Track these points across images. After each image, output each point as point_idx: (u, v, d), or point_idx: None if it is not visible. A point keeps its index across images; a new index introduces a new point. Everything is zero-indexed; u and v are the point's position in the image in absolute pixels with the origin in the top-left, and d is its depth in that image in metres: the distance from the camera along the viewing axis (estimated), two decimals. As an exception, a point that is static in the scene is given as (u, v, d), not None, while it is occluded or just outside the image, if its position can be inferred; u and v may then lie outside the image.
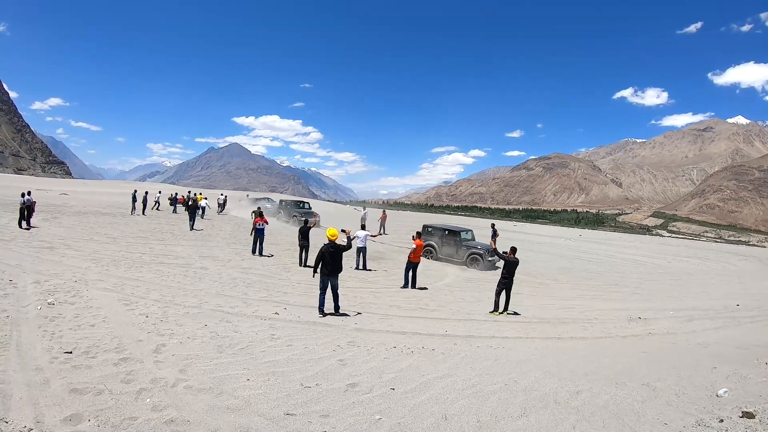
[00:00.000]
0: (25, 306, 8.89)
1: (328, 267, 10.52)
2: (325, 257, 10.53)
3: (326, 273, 10.55)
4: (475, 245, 22.20)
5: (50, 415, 4.83)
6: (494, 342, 9.47)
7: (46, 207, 28.43)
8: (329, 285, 10.67)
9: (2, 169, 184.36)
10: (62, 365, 6.19)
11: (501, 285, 12.52)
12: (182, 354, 7.07)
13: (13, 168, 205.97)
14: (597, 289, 18.63)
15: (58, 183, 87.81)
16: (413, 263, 15.48)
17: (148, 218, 28.88)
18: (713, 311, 15.02)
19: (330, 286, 10.67)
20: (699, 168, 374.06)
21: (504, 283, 12.49)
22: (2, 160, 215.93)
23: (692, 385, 6.80)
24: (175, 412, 5.11)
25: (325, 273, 10.56)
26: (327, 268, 10.53)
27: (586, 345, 9.80)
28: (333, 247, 10.63)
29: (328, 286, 10.67)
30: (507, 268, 12.52)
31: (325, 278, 10.59)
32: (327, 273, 10.55)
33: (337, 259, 10.66)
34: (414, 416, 5.38)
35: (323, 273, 10.58)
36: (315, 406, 5.50)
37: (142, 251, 16.93)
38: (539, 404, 5.91)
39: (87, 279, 11.75)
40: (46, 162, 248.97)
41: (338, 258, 10.69)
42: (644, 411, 5.77)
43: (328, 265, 10.52)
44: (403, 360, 7.63)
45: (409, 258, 15.48)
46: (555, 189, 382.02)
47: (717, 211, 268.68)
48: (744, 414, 5.34)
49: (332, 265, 10.56)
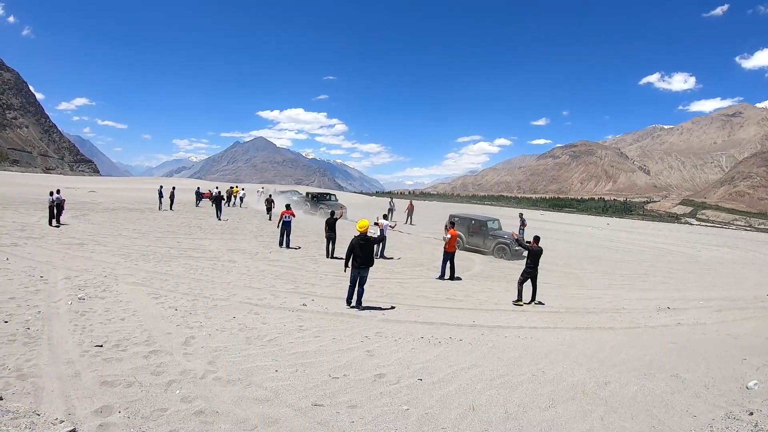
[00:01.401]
0: (56, 301, 9.07)
1: (358, 259, 10.46)
2: (356, 250, 10.49)
3: (357, 265, 10.50)
4: (501, 234, 22.06)
5: (81, 407, 4.92)
6: (522, 332, 9.40)
7: (75, 204, 28.96)
8: (359, 277, 10.61)
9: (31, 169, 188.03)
10: (93, 358, 6.30)
11: (525, 275, 12.43)
12: (211, 346, 7.16)
13: (41, 167, 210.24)
14: (625, 279, 18.37)
15: (86, 181, 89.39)
16: (449, 253, 15.30)
17: (176, 213, 29.28)
18: (743, 301, 14.74)
19: (359, 279, 10.60)
20: (728, 154, 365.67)
21: (528, 272, 12.40)
22: (31, 160, 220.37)
23: (722, 377, 6.69)
24: (204, 403, 5.17)
25: (356, 265, 10.50)
26: (357, 260, 10.47)
27: (615, 335, 9.68)
28: (364, 239, 10.57)
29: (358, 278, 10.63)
30: (531, 257, 12.43)
31: (356, 270, 10.54)
32: (358, 265, 10.49)
33: (368, 251, 10.59)
34: (441, 407, 5.37)
35: (354, 266, 10.54)
36: (342, 397, 5.53)
37: (170, 245, 17.17)
38: (567, 395, 5.87)
39: (116, 274, 11.94)
40: (73, 161, 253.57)
41: (369, 250, 10.63)
42: (673, 402, 5.69)
43: (359, 257, 10.47)
44: (431, 350, 7.62)
45: (444, 249, 15.33)
46: (582, 177, 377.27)
47: (747, 199, 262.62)
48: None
49: (363, 258, 10.49)
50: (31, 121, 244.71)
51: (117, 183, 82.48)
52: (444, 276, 15.31)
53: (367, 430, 4.79)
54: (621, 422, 5.14)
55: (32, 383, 5.39)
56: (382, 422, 4.95)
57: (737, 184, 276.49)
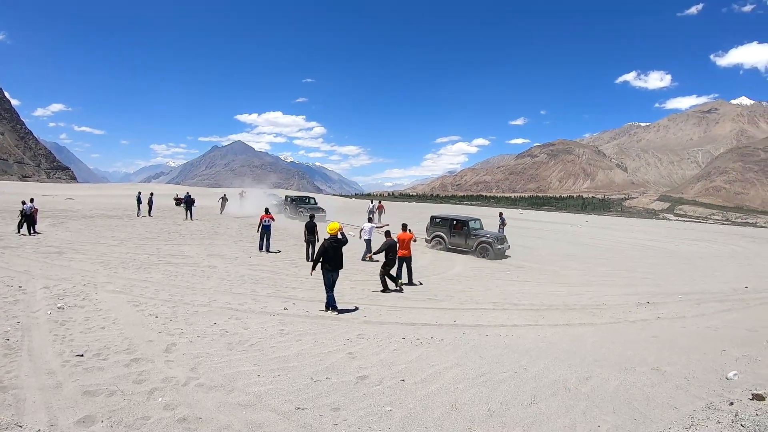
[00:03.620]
0: (36, 311, 8.95)
1: (331, 262, 10.34)
2: (328, 252, 10.34)
3: (329, 268, 10.37)
4: (483, 234, 22.16)
5: (63, 417, 4.88)
6: (503, 330, 9.48)
7: (52, 212, 28.59)
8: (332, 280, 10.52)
9: (7, 177, 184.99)
10: (74, 368, 6.24)
11: (386, 266, 13.23)
12: (193, 352, 7.12)
13: (18, 175, 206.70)
14: (605, 275, 18.58)
15: (63, 188, 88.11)
16: (402, 258, 14.11)
17: (155, 219, 28.98)
18: (722, 294, 15.01)
19: (331, 281, 10.49)
20: (704, 150, 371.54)
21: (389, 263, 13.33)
22: (7, 168, 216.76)
23: (702, 369, 6.82)
24: (187, 410, 5.15)
25: (328, 268, 10.37)
26: (331, 263, 10.35)
27: (595, 331, 9.81)
28: (336, 242, 10.51)
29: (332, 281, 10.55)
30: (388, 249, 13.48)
31: (329, 274, 10.40)
32: (331, 268, 10.37)
33: (340, 253, 10.52)
34: (424, 406, 5.40)
35: (326, 269, 10.39)
36: (326, 400, 5.53)
37: (149, 252, 17.01)
38: (549, 391, 5.93)
39: (96, 282, 11.81)
40: (50, 168, 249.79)
41: (341, 253, 10.56)
42: (654, 395, 5.78)
43: (331, 260, 10.35)
44: (413, 351, 7.66)
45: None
46: (560, 175, 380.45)
47: (723, 194, 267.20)
48: (754, 396, 5.33)
49: (335, 260, 10.39)
50: (6, 128, 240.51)
51: (95, 190, 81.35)
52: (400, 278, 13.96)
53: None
54: (603, 416, 5.21)
55: (13, 395, 5.33)
56: (365, 424, 4.97)
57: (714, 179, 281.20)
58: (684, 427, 4.77)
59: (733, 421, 4.71)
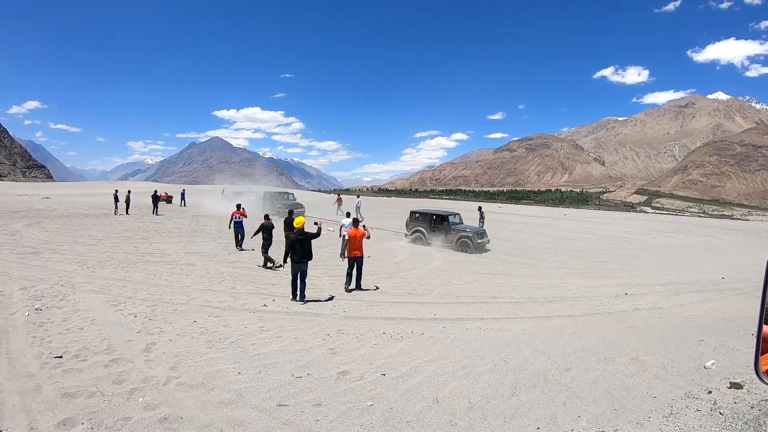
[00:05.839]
0: (13, 313, 8.83)
1: (298, 254, 10.99)
2: (295, 245, 11.00)
3: (296, 260, 11.02)
4: (463, 228, 22.29)
5: (44, 420, 4.82)
6: (483, 323, 9.55)
7: (29, 212, 28.16)
8: (299, 271, 11.07)
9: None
10: (53, 370, 6.17)
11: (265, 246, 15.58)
12: (172, 351, 7.08)
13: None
14: (583, 267, 18.81)
15: (39, 187, 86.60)
16: (353, 259, 12.53)
17: (132, 218, 28.70)
18: (699, 284, 15.25)
19: (300, 273, 11.05)
20: (681, 144, 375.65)
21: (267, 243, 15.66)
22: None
23: (680, 358, 6.90)
24: (168, 409, 5.12)
25: (296, 260, 11.02)
26: (297, 255, 10.99)
27: (575, 322, 9.91)
28: (302, 234, 11.11)
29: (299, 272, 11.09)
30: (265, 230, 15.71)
31: (296, 265, 11.04)
32: (297, 260, 11.01)
33: (307, 246, 11.13)
34: (406, 401, 5.43)
35: (294, 260, 11.05)
36: (307, 396, 5.53)
37: (127, 251, 16.85)
38: (529, 383, 5.98)
39: (74, 282, 11.67)
40: (26, 166, 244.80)
41: (308, 245, 11.16)
42: (634, 385, 5.85)
43: (299, 252, 11.00)
44: (393, 345, 7.68)
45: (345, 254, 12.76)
46: (538, 170, 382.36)
47: (700, 187, 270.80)
48: (732, 385, 5.42)
49: (302, 252, 11.04)
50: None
51: (71, 188, 79.98)
52: (349, 284, 12.50)
53: (332, 428, 4.80)
54: (583, 406, 5.27)
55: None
56: (347, 419, 4.98)
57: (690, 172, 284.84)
58: (663, 416, 4.83)
59: (711, 409, 4.79)
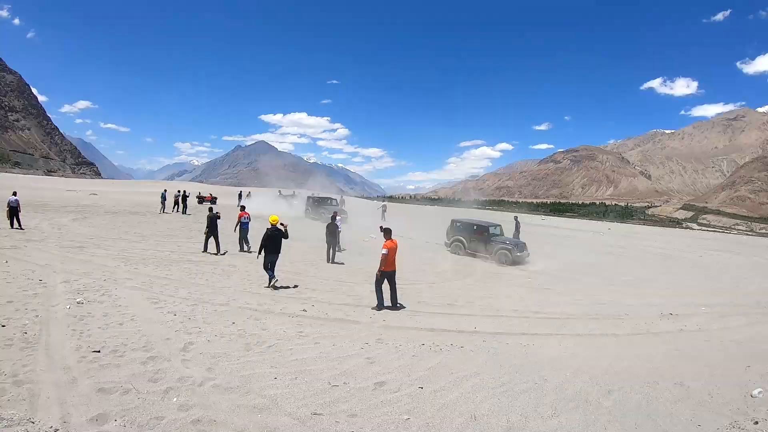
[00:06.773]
0: (55, 305, 8.99)
1: (269, 247, 12.62)
2: (269, 240, 12.63)
3: (269, 252, 12.62)
4: (503, 240, 22.01)
5: (77, 414, 4.86)
6: (524, 339, 9.32)
7: (76, 207, 28.99)
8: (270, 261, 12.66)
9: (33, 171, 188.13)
10: (90, 364, 6.24)
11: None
12: (210, 352, 7.09)
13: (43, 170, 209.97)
14: (627, 284, 18.28)
15: (88, 183, 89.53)
16: (386, 273, 11.28)
17: (177, 217, 29.26)
18: (746, 307, 14.64)
19: (270, 263, 12.62)
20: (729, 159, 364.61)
21: None
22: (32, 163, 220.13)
23: (726, 385, 6.63)
24: (202, 411, 5.11)
25: (268, 252, 12.61)
26: (269, 248, 12.62)
27: (618, 342, 9.60)
28: (276, 230, 12.80)
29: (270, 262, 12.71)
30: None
31: (268, 256, 12.61)
32: (270, 252, 12.62)
33: (278, 241, 12.79)
34: (442, 416, 5.30)
35: (267, 252, 12.60)
36: (342, 406, 5.46)
37: (170, 249, 17.11)
38: (570, 404, 5.80)
39: (116, 278, 11.87)
40: (75, 163, 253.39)
41: (278, 241, 12.82)
42: (677, 412, 5.63)
43: (271, 245, 12.65)
44: (432, 358, 7.55)
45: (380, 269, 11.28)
46: (583, 182, 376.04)
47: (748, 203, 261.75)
48: (780, 415, 5.16)
49: (273, 246, 12.66)
50: (33, 123, 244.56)
51: (118, 186, 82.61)
52: (382, 304, 11.18)
53: (367, 441, 4.72)
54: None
55: (28, 389, 5.33)
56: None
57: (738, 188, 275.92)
58: (710, 446, 4.61)
59: (759, 440, 4.56)
